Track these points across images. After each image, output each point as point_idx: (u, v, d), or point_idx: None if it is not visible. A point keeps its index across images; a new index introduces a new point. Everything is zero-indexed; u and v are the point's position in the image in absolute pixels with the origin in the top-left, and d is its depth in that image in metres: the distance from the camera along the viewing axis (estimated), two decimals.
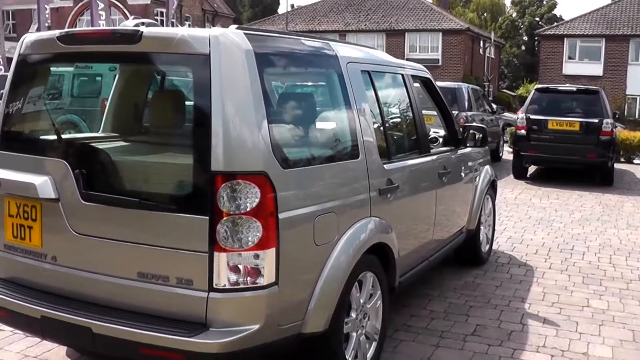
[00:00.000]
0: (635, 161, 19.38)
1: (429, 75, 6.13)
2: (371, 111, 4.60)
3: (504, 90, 56.31)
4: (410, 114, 5.44)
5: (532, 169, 15.62)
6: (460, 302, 6.01)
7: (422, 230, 5.44)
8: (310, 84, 4.58)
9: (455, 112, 13.31)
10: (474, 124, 8.11)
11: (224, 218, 3.32)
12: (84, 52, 3.96)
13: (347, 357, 4.04)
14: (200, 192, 3.37)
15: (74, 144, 4.38)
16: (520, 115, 14.82)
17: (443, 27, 46.65)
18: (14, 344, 4.82)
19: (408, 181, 4.98)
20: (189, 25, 50.33)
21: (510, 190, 13.00)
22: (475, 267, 7.16)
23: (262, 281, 3.39)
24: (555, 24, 45.61)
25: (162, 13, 49.46)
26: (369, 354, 4.33)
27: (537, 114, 14.42)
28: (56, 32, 3.87)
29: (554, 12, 73.92)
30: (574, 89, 15.31)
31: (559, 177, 14.83)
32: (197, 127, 3.49)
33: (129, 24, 3.81)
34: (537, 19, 73.05)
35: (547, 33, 44.92)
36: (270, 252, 3.39)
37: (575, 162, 14.24)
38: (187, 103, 3.98)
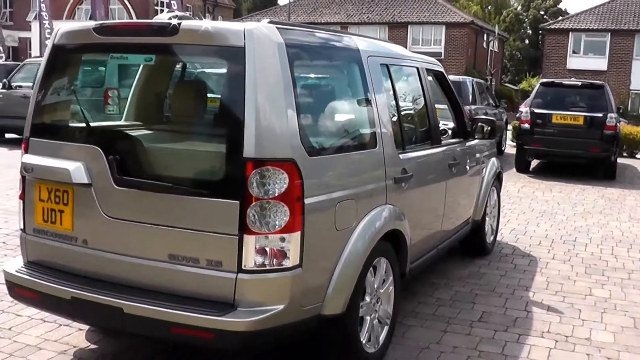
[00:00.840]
0: (638, 156, 19.57)
1: (441, 69, 6.34)
2: (388, 103, 4.80)
3: (506, 84, 56.39)
4: (424, 106, 5.64)
5: (534, 162, 15.81)
6: (466, 291, 6.20)
7: (432, 219, 5.63)
8: (334, 76, 4.76)
9: None
10: (483, 116, 8.27)
11: (254, 202, 3.51)
12: (119, 43, 4.12)
13: (361, 339, 4.23)
14: (232, 178, 3.56)
15: (107, 132, 4.56)
16: (524, 110, 15.00)
17: (447, 20, 46.73)
18: (33, 329, 4.98)
19: (421, 171, 5.16)
20: (190, 15, 50.50)
21: (513, 183, 13.18)
22: (480, 257, 7.34)
23: (287, 263, 3.58)
24: (560, 18, 45.70)
25: (162, 3, 49.62)
26: (381, 337, 4.52)
27: (542, 108, 14.62)
28: (92, 24, 4.06)
29: (559, 6, 73.88)
30: (579, 83, 15.51)
31: (562, 171, 15.01)
32: (230, 116, 3.68)
33: (163, 17, 3.99)
34: (542, 12, 73.02)
35: (552, 27, 45.04)
36: (296, 236, 3.58)
37: (578, 156, 14.43)
38: (218, 93, 4.17)
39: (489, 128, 6.97)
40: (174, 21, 3.78)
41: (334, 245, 3.96)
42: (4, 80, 17.38)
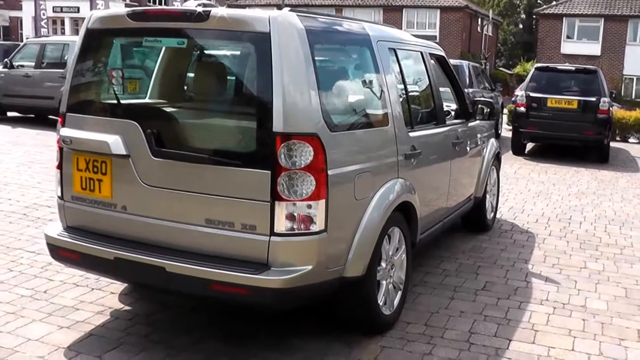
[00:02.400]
0: (631, 140, 19.99)
1: (443, 53, 6.70)
2: (397, 84, 5.17)
3: (501, 69, 56.67)
4: (429, 88, 6.02)
5: (529, 145, 16.19)
6: (470, 263, 6.59)
7: (438, 193, 6.00)
8: (348, 59, 5.10)
9: None
10: (483, 98, 8.64)
11: (283, 173, 3.88)
12: (152, 28, 4.47)
13: (378, 301, 4.61)
14: (264, 150, 3.93)
15: (143, 108, 4.93)
16: (519, 93, 15.36)
17: (441, 3, 46.88)
18: (67, 292, 5.33)
19: (428, 148, 5.53)
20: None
21: (510, 165, 13.55)
22: (481, 233, 7.73)
23: (314, 228, 3.95)
24: (554, 3, 45.94)
25: None
26: (396, 301, 4.91)
27: (537, 92, 14.99)
28: (125, 10, 4.41)
29: None
30: (573, 68, 15.87)
31: (556, 154, 15.41)
32: (260, 95, 4.06)
33: (191, 4, 4.32)
34: None
35: (546, 12, 45.29)
36: (322, 203, 3.96)
37: (572, 139, 14.81)
38: (246, 74, 4.53)
39: (489, 110, 7.32)
40: (201, 9, 4.13)
41: (354, 214, 4.34)
42: (6, 60, 17.64)
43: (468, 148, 6.75)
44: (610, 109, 14.89)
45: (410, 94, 5.60)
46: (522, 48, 67.81)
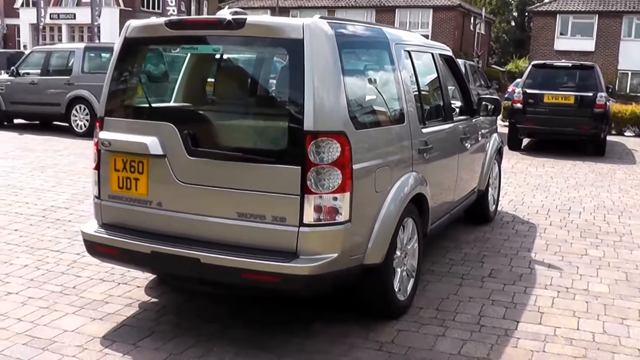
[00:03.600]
0: (627, 133, 20.33)
1: (451, 54, 7.01)
2: (411, 84, 5.48)
3: (493, 66, 57.03)
4: (439, 87, 6.35)
5: (525, 141, 16.47)
6: (475, 252, 6.89)
7: (447, 186, 6.31)
8: (371, 61, 5.40)
9: None
10: (487, 96, 8.95)
11: (312, 168, 4.18)
12: (189, 36, 4.80)
13: (394, 287, 4.91)
14: (294, 148, 4.23)
15: (179, 110, 5.22)
16: (516, 90, 15.68)
17: (434, 3, 47.22)
18: (95, 287, 5.60)
19: (439, 143, 5.83)
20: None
21: (507, 160, 13.76)
22: (484, 224, 8.04)
23: (340, 218, 4.25)
24: (547, 0, 46.25)
25: None
26: (409, 287, 5.20)
27: (533, 88, 15.30)
28: (163, 19, 4.74)
29: None
30: (570, 64, 16.19)
31: (553, 149, 15.71)
32: (292, 97, 4.37)
33: (225, 12, 4.61)
34: None
35: (540, 9, 45.61)
36: (347, 195, 4.26)
37: (569, 133, 15.12)
38: (279, 78, 4.85)
39: (494, 106, 7.62)
40: (230, 17, 4.43)
41: (374, 205, 4.64)
42: (12, 68, 17.89)
43: (473, 143, 7.07)
44: (607, 103, 15.19)
45: (423, 92, 5.93)
46: (514, 45, 68.22)
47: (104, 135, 4.82)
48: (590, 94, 14.84)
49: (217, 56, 5.33)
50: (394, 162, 4.91)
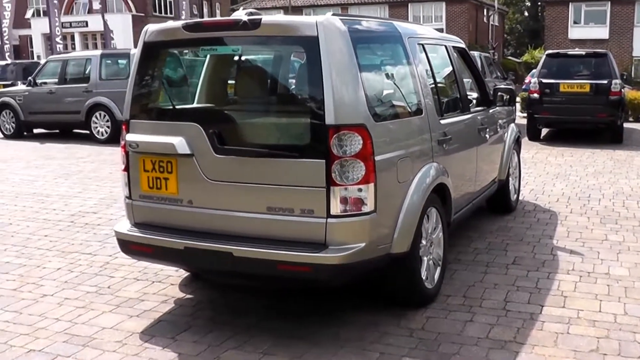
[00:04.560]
0: None
1: (464, 46, 7.13)
2: (427, 76, 5.61)
3: (509, 58, 56.86)
4: (454, 78, 6.48)
5: (544, 131, 16.54)
6: (498, 241, 7.01)
7: (467, 176, 6.44)
8: (385, 55, 5.55)
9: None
10: (503, 86, 9.06)
11: (336, 161, 4.32)
12: (207, 38, 4.97)
13: (422, 276, 5.06)
14: (318, 142, 4.38)
15: (204, 110, 5.41)
16: (532, 80, 15.75)
17: None
18: (129, 286, 5.79)
19: (457, 134, 5.96)
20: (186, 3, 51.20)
21: (527, 150, 13.89)
22: (506, 214, 8.15)
23: (365, 209, 4.40)
24: None
25: None
26: (436, 276, 5.35)
27: (549, 78, 15.36)
28: (180, 22, 4.89)
29: None
30: (583, 52, 16.25)
31: (571, 138, 15.75)
32: (312, 93, 4.52)
33: (240, 13, 4.77)
34: None
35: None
36: (371, 186, 4.40)
37: (586, 121, 15.20)
38: (298, 75, 5.00)
39: (508, 96, 7.73)
40: (246, 17, 4.58)
41: (398, 196, 4.79)
42: (29, 78, 18.11)
43: (491, 133, 7.17)
44: (622, 90, 15.23)
45: (439, 84, 6.05)
46: (528, 36, 67.98)
47: (131, 137, 4.98)
48: (605, 82, 14.89)
49: (236, 56, 5.49)
50: (414, 153, 5.05)
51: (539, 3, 58.16)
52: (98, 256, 6.65)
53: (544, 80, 15.32)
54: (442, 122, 5.66)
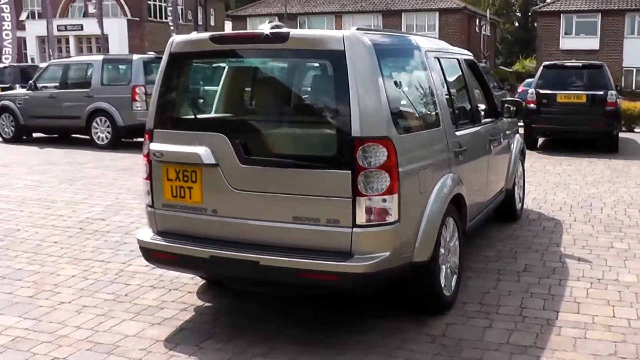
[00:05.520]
0: (637, 130, 20.60)
1: (473, 59, 7.26)
2: (443, 88, 5.73)
3: (501, 67, 57.23)
4: (467, 91, 6.62)
5: (541, 140, 16.69)
6: (507, 249, 7.13)
7: (480, 186, 6.56)
8: (406, 68, 5.64)
9: None
10: (509, 98, 9.20)
11: (362, 172, 4.42)
12: (234, 50, 5.06)
13: (441, 284, 5.16)
14: (343, 153, 4.47)
15: (229, 121, 5.50)
16: (530, 91, 15.95)
17: (439, 6, 47.48)
18: (147, 294, 5.82)
19: (471, 145, 6.08)
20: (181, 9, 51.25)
21: (525, 159, 14.04)
22: (512, 222, 8.28)
23: (390, 219, 4.49)
24: (550, 0, 46.47)
25: None
26: (453, 283, 5.45)
27: (546, 89, 15.57)
28: (207, 34, 4.97)
29: None
30: (580, 64, 16.46)
31: (567, 147, 15.92)
32: (339, 105, 4.59)
33: (266, 27, 4.85)
34: None
35: (544, 10, 45.86)
36: (395, 197, 4.50)
37: (583, 131, 15.41)
38: (324, 87, 5.08)
39: (515, 108, 7.86)
40: (268, 30, 4.68)
41: (419, 205, 4.89)
42: (30, 82, 18.06)
43: (500, 144, 7.31)
44: (618, 101, 15.45)
45: (453, 97, 6.17)
46: (519, 45, 68.43)
47: (154, 146, 5.04)
48: (601, 93, 15.12)
49: (262, 68, 5.58)
50: (434, 164, 5.15)
51: (530, 13, 58.48)
52: (112, 263, 6.68)
53: (541, 91, 15.51)
54: (457, 133, 5.77)
